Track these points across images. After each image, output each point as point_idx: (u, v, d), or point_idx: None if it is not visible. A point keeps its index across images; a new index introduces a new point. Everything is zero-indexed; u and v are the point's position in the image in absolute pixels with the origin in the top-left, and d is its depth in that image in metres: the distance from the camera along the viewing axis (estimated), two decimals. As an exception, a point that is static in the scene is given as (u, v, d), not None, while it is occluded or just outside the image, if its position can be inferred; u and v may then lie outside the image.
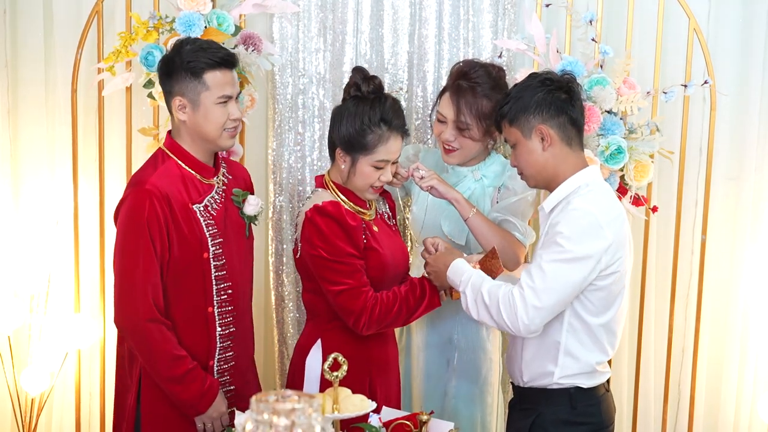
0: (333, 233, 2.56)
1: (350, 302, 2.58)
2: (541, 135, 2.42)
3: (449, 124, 2.83)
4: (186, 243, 2.52)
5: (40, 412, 3.44)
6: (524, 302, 2.35)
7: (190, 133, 2.56)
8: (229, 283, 2.62)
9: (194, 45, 2.54)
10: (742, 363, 3.59)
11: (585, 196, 2.40)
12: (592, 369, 2.46)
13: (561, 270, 2.34)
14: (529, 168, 2.48)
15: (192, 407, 2.54)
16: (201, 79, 2.50)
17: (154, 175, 2.51)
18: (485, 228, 2.73)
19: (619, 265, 2.38)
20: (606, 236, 2.34)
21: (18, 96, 3.49)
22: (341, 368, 2.26)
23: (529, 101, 2.43)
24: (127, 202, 2.50)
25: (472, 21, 3.38)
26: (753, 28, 3.46)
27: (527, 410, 2.53)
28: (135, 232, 2.47)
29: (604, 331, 2.44)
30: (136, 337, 2.50)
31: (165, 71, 2.55)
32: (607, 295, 2.40)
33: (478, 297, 2.45)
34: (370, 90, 2.61)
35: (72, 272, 3.36)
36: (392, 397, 2.78)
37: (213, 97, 2.52)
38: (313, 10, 3.39)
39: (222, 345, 2.62)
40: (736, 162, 3.52)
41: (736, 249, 3.56)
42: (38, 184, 3.50)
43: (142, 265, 2.47)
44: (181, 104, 2.53)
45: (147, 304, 2.47)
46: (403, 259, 2.79)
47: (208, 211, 2.57)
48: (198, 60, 2.50)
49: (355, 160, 2.61)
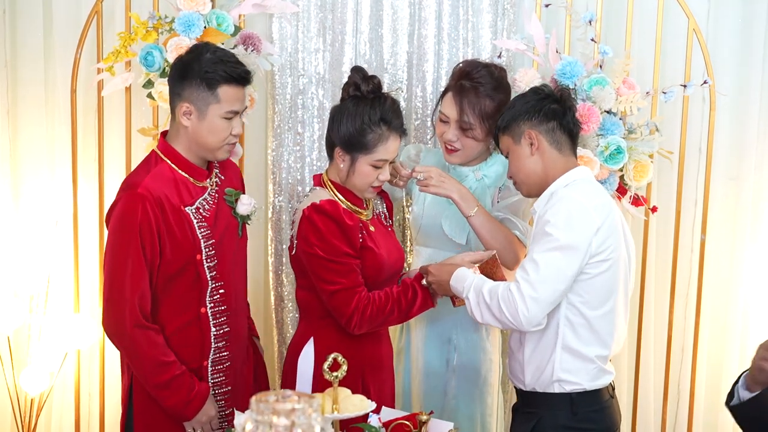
0: (330, 232, 2.57)
1: (344, 302, 2.58)
2: (529, 139, 2.48)
3: (452, 124, 2.83)
4: (178, 245, 2.51)
5: (40, 412, 3.44)
6: (522, 295, 2.37)
7: (189, 140, 2.55)
8: (222, 283, 2.61)
9: (214, 55, 2.51)
10: (742, 362, 3.59)
11: (571, 187, 2.45)
12: (593, 363, 2.45)
13: (553, 259, 2.36)
14: (519, 174, 2.52)
15: (178, 413, 2.54)
16: (214, 92, 2.49)
17: (147, 177, 2.49)
18: (487, 226, 2.72)
19: (611, 252, 2.40)
20: (594, 220, 2.37)
21: (18, 96, 3.49)
22: (341, 368, 2.26)
23: (520, 108, 2.51)
24: (119, 206, 2.48)
25: (471, 21, 3.38)
26: (753, 28, 3.46)
27: (529, 414, 2.52)
28: (125, 237, 2.46)
29: (602, 323, 2.44)
30: (123, 342, 2.50)
31: (179, 74, 2.53)
32: (601, 285, 2.41)
33: (480, 298, 2.46)
34: (369, 89, 2.61)
35: (71, 272, 3.36)
36: (386, 397, 2.78)
37: (221, 111, 2.51)
38: (312, 10, 3.39)
39: (216, 345, 2.62)
40: (736, 162, 3.52)
41: (736, 249, 3.56)
42: (38, 184, 3.50)
43: (131, 271, 2.45)
44: (187, 110, 2.51)
45: (133, 311, 2.46)
46: (399, 259, 2.79)
47: (200, 212, 2.56)
48: (216, 72, 2.48)
49: (354, 160, 2.61)
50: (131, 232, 2.45)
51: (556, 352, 2.45)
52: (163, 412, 2.55)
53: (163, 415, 2.56)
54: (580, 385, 2.46)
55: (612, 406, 2.53)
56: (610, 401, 2.52)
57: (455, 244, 2.89)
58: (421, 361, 3.00)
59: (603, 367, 2.49)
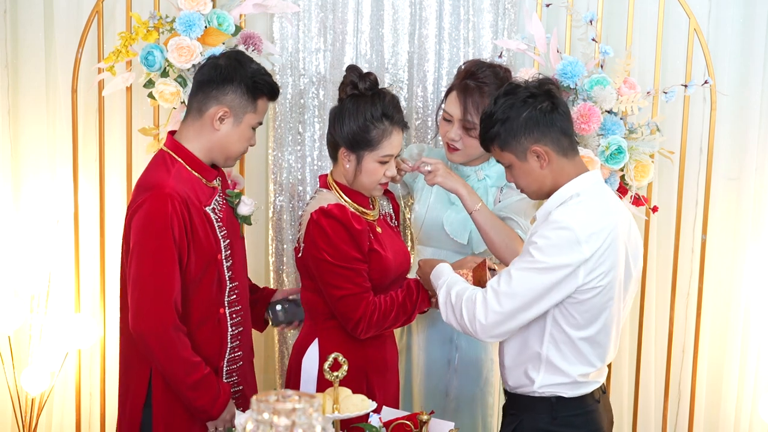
0: (338, 237, 2.56)
1: (351, 308, 2.58)
2: (536, 155, 2.35)
3: (455, 123, 2.83)
4: (202, 246, 2.50)
5: (40, 412, 3.44)
6: (485, 304, 2.32)
7: (213, 143, 2.54)
8: (237, 283, 2.62)
9: (259, 66, 2.57)
10: (743, 363, 3.59)
11: (569, 207, 2.32)
12: (574, 381, 2.38)
13: (528, 277, 2.28)
14: (530, 186, 2.42)
15: (205, 412, 2.52)
16: (254, 101, 2.53)
17: (170, 178, 2.47)
18: (490, 222, 2.71)
19: (601, 280, 2.29)
20: (583, 251, 2.26)
21: (18, 96, 3.49)
22: (341, 368, 2.26)
23: (517, 122, 2.33)
24: (146, 206, 2.44)
25: (472, 21, 3.38)
26: (753, 28, 3.46)
27: (512, 416, 2.49)
28: (157, 236, 2.42)
29: (588, 345, 2.36)
30: (160, 344, 2.44)
31: (222, 77, 2.51)
32: (590, 308, 2.32)
33: (447, 298, 2.43)
34: (367, 87, 2.61)
35: (72, 272, 3.36)
36: (390, 398, 2.78)
37: (254, 121, 2.56)
38: (313, 10, 3.39)
39: (231, 345, 2.62)
40: (736, 162, 3.52)
41: (737, 249, 3.56)
42: (38, 183, 3.50)
43: (165, 271, 2.42)
44: (224, 114, 2.51)
45: (170, 311, 2.43)
46: (405, 261, 2.78)
47: (215, 212, 2.57)
48: (264, 83, 2.53)
49: (360, 158, 2.61)
50: (163, 230, 2.41)
51: (540, 368, 2.38)
52: (184, 414, 2.53)
53: (184, 417, 2.54)
54: (561, 394, 2.40)
55: (597, 410, 2.45)
56: (594, 405, 2.44)
57: (457, 243, 2.89)
58: (422, 361, 3.01)
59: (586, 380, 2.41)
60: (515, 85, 2.42)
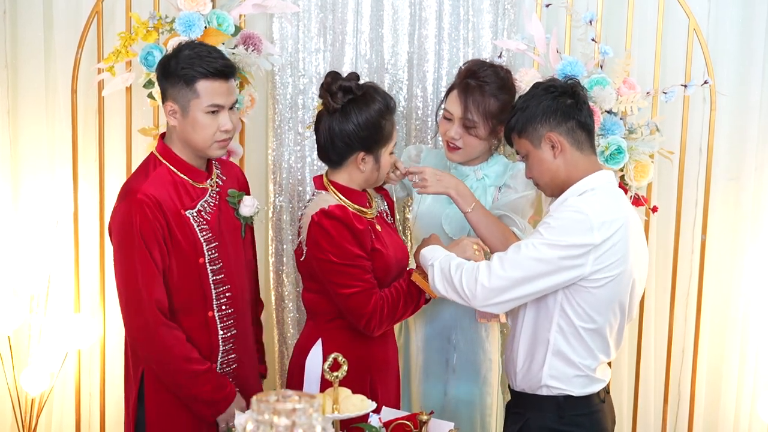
0: (341, 236, 2.56)
1: (361, 305, 2.57)
2: (550, 142, 2.40)
3: (455, 122, 2.84)
4: (180, 249, 2.50)
5: (40, 412, 3.44)
6: (489, 268, 2.37)
7: (181, 140, 2.54)
8: (228, 286, 2.60)
9: (192, 51, 2.48)
10: (742, 363, 3.59)
11: (585, 197, 2.38)
12: (582, 373, 2.41)
13: (536, 249, 2.32)
14: (543, 177, 2.45)
15: (215, 405, 2.52)
16: (192, 87, 2.46)
17: (146, 182, 2.48)
18: (484, 222, 2.71)
19: (610, 270, 2.32)
20: (594, 237, 2.30)
21: (18, 96, 3.49)
22: (341, 368, 2.26)
23: (536, 110, 2.41)
24: (119, 215, 2.47)
25: (472, 21, 3.39)
26: (753, 28, 3.46)
27: (518, 415, 2.51)
28: (129, 243, 2.45)
29: (593, 337, 2.39)
30: (153, 344, 2.47)
31: (162, 73, 2.53)
32: (596, 300, 2.35)
33: (445, 268, 2.45)
34: (357, 86, 2.59)
35: (72, 272, 3.36)
36: (392, 397, 2.78)
37: (202, 105, 2.47)
38: (313, 11, 3.39)
39: (224, 348, 2.62)
40: (736, 162, 3.52)
41: (736, 249, 3.56)
42: (38, 184, 3.50)
43: (141, 274, 2.44)
44: (172, 109, 2.50)
45: (154, 313, 2.45)
46: (404, 257, 2.79)
47: (201, 215, 2.55)
48: (192, 68, 2.45)
49: (378, 157, 2.62)
50: (134, 237, 2.43)
51: (547, 358, 2.41)
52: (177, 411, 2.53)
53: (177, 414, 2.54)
54: (569, 392, 2.42)
55: (602, 410, 2.47)
56: (599, 406, 2.46)
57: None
58: (420, 361, 3.01)
59: (593, 375, 2.44)
60: (539, 82, 2.54)
